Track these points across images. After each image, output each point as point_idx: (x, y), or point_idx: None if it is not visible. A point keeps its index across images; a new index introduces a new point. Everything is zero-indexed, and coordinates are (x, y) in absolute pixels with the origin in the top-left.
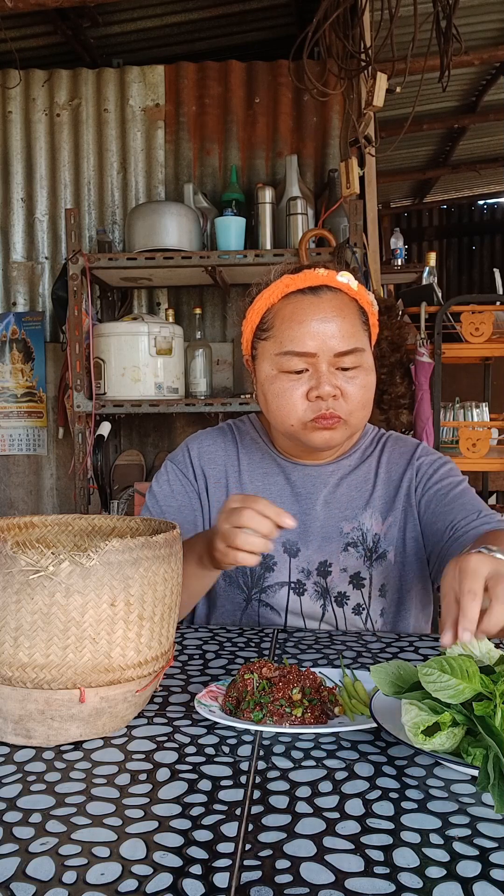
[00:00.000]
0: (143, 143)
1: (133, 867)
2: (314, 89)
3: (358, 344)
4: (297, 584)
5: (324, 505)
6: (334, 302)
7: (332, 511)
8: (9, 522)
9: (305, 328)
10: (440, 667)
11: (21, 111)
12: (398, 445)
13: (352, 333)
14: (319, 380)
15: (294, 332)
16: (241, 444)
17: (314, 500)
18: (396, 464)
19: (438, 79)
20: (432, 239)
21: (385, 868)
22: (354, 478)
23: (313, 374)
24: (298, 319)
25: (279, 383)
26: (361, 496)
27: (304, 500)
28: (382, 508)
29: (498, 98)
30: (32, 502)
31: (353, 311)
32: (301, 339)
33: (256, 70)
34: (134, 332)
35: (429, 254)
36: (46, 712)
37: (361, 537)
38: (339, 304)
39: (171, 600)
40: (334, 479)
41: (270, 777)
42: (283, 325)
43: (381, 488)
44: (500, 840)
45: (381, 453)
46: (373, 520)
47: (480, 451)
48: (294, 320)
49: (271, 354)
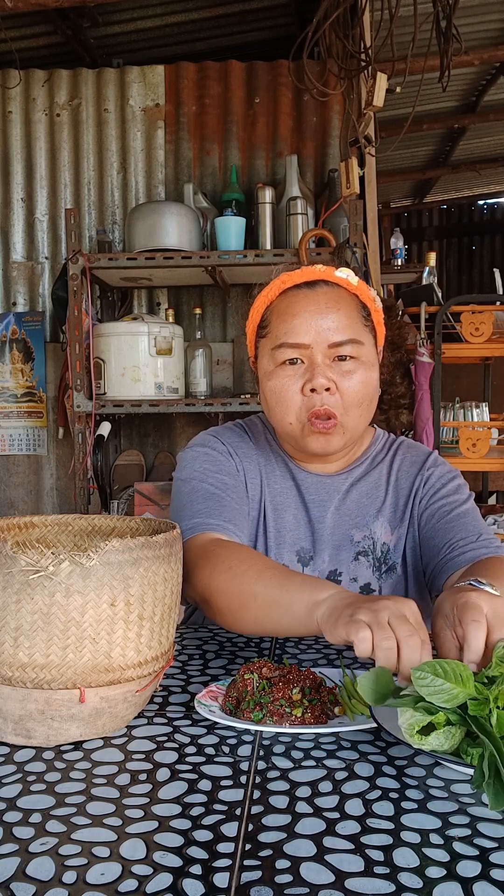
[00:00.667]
0: (143, 143)
1: (133, 867)
2: (314, 89)
3: (354, 335)
4: None
5: (335, 513)
6: (330, 295)
7: (342, 519)
8: (9, 522)
9: (300, 319)
10: (434, 671)
11: (21, 111)
12: (410, 453)
13: (347, 325)
14: (314, 372)
15: (288, 324)
16: (256, 445)
17: (325, 508)
18: (407, 472)
19: (438, 79)
20: (432, 239)
21: (385, 868)
22: (365, 485)
23: (308, 368)
24: (293, 312)
25: (276, 379)
26: (373, 504)
27: (316, 509)
28: (392, 518)
29: (498, 98)
30: (32, 502)
31: (351, 305)
32: (295, 330)
33: (256, 70)
34: (134, 332)
35: (429, 254)
36: (46, 712)
37: (372, 546)
38: (335, 297)
39: (171, 600)
40: (345, 486)
41: (270, 777)
42: (278, 320)
43: (391, 497)
44: (500, 840)
45: (393, 460)
46: (383, 529)
47: (480, 451)
48: (289, 313)
49: (269, 350)
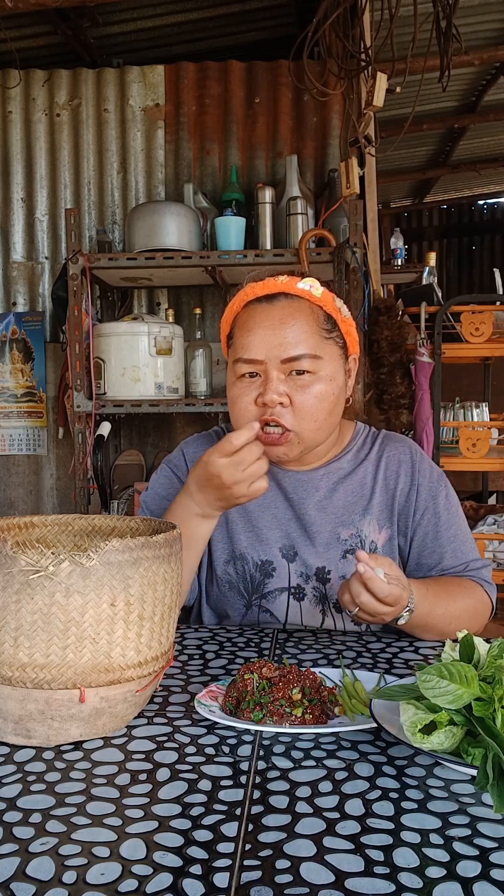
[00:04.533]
0: (143, 143)
1: (133, 867)
2: (314, 89)
3: (309, 350)
4: (296, 589)
5: (318, 510)
6: (287, 309)
7: (328, 517)
8: (9, 522)
9: (254, 335)
10: (439, 672)
11: (21, 111)
12: (395, 449)
13: (303, 340)
14: (266, 387)
15: (245, 339)
16: None
17: (306, 504)
18: (395, 473)
19: (438, 79)
20: (432, 239)
21: (385, 868)
22: (350, 483)
23: (263, 381)
24: (249, 327)
25: (234, 389)
26: (359, 502)
27: (297, 506)
28: (380, 517)
29: (498, 98)
30: (32, 502)
31: (310, 318)
32: (249, 346)
33: (256, 70)
34: (134, 332)
35: (429, 254)
36: (46, 712)
37: (360, 544)
38: (292, 311)
39: (171, 600)
40: (326, 483)
41: (270, 777)
42: (238, 334)
43: (379, 495)
44: (500, 840)
45: (380, 456)
46: (371, 527)
47: (480, 451)
48: (246, 328)
49: (231, 361)
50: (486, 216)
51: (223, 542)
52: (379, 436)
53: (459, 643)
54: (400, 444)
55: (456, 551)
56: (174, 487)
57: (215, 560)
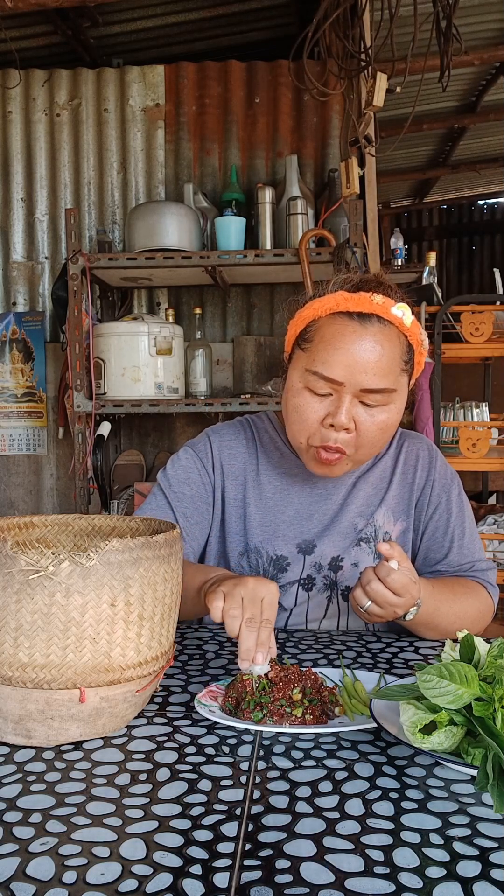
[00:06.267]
0: (143, 143)
1: (133, 867)
2: (314, 89)
3: (390, 384)
4: (306, 580)
5: (342, 505)
6: (378, 336)
7: (349, 509)
8: (9, 522)
9: (340, 355)
10: (439, 673)
11: (21, 111)
12: (413, 445)
13: (386, 373)
14: (338, 409)
15: (328, 355)
16: (259, 443)
17: (331, 500)
18: (413, 467)
19: (438, 79)
20: (432, 239)
21: (385, 868)
22: (371, 476)
23: (335, 401)
24: (336, 345)
25: (301, 398)
26: (377, 493)
27: (325, 502)
28: (396, 509)
29: (498, 98)
30: (32, 502)
31: (397, 349)
32: (332, 364)
33: (256, 70)
34: (134, 332)
35: (429, 254)
36: (46, 712)
37: (374, 533)
38: (382, 339)
39: (171, 600)
40: (351, 478)
41: (270, 777)
42: (321, 344)
43: (396, 487)
44: (500, 840)
45: (398, 451)
46: (385, 518)
47: (480, 451)
48: (332, 344)
49: (302, 368)
50: (486, 216)
51: (239, 535)
52: (397, 432)
53: (459, 643)
54: (417, 440)
55: (463, 548)
56: (195, 471)
57: (230, 551)
